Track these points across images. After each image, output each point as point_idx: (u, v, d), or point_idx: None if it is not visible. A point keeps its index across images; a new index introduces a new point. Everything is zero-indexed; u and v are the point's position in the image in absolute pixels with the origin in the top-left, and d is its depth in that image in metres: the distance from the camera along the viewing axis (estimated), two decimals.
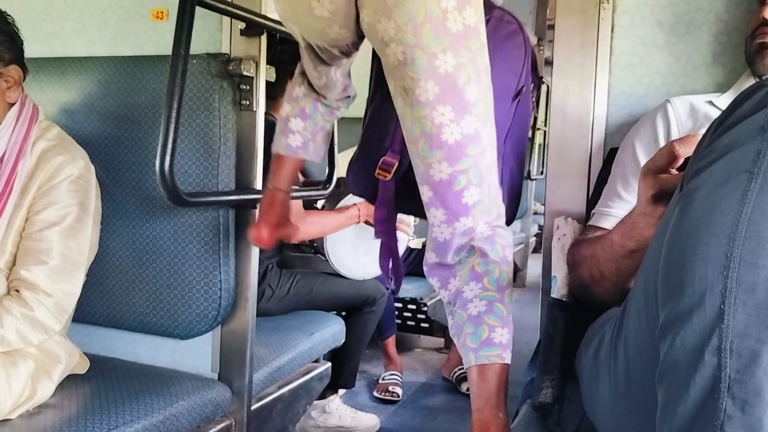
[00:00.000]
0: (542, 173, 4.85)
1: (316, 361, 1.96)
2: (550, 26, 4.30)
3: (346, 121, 1.71)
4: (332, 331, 2.02)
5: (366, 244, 2.21)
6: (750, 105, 0.61)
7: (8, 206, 1.21)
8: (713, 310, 0.57)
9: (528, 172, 4.50)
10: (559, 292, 1.11)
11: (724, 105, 0.97)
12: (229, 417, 1.46)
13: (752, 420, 0.55)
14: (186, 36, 1.23)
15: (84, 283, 1.31)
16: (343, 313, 2.27)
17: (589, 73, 1.30)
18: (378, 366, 2.89)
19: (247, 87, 1.41)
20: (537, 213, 5.09)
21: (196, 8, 1.24)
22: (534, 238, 5.05)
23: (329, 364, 1.99)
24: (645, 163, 0.85)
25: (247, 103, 1.42)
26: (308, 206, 2.11)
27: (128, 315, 1.50)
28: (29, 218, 1.23)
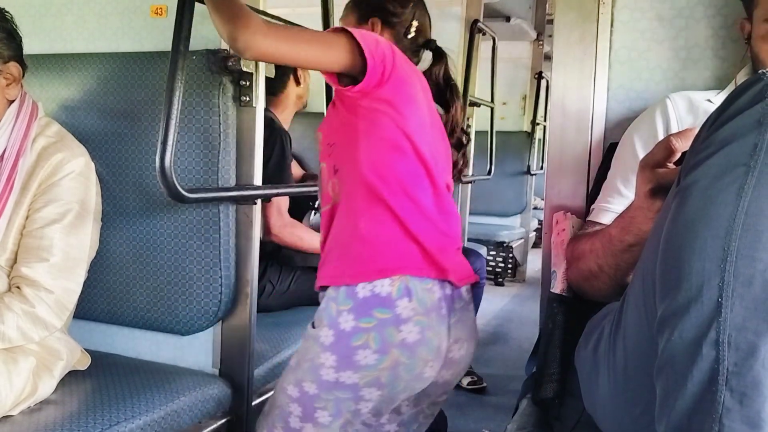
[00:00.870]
0: (542, 168, 4.85)
1: None
2: (550, 21, 4.30)
3: None
4: None
5: None
6: (746, 98, 0.61)
7: (9, 204, 1.21)
8: (711, 304, 0.57)
9: (528, 167, 4.51)
10: (559, 287, 1.11)
11: None
12: (230, 413, 1.47)
13: (751, 412, 0.55)
14: (185, 32, 1.23)
15: (85, 280, 1.31)
16: None
17: (589, 68, 1.29)
18: None
19: (247, 83, 1.41)
20: (537, 208, 5.09)
21: (196, 4, 1.24)
22: (534, 233, 5.04)
23: None
24: (642, 158, 0.85)
25: (247, 99, 1.42)
26: (306, 202, 2.11)
27: (129, 311, 1.50)
28: (30, 216, 1.23)
